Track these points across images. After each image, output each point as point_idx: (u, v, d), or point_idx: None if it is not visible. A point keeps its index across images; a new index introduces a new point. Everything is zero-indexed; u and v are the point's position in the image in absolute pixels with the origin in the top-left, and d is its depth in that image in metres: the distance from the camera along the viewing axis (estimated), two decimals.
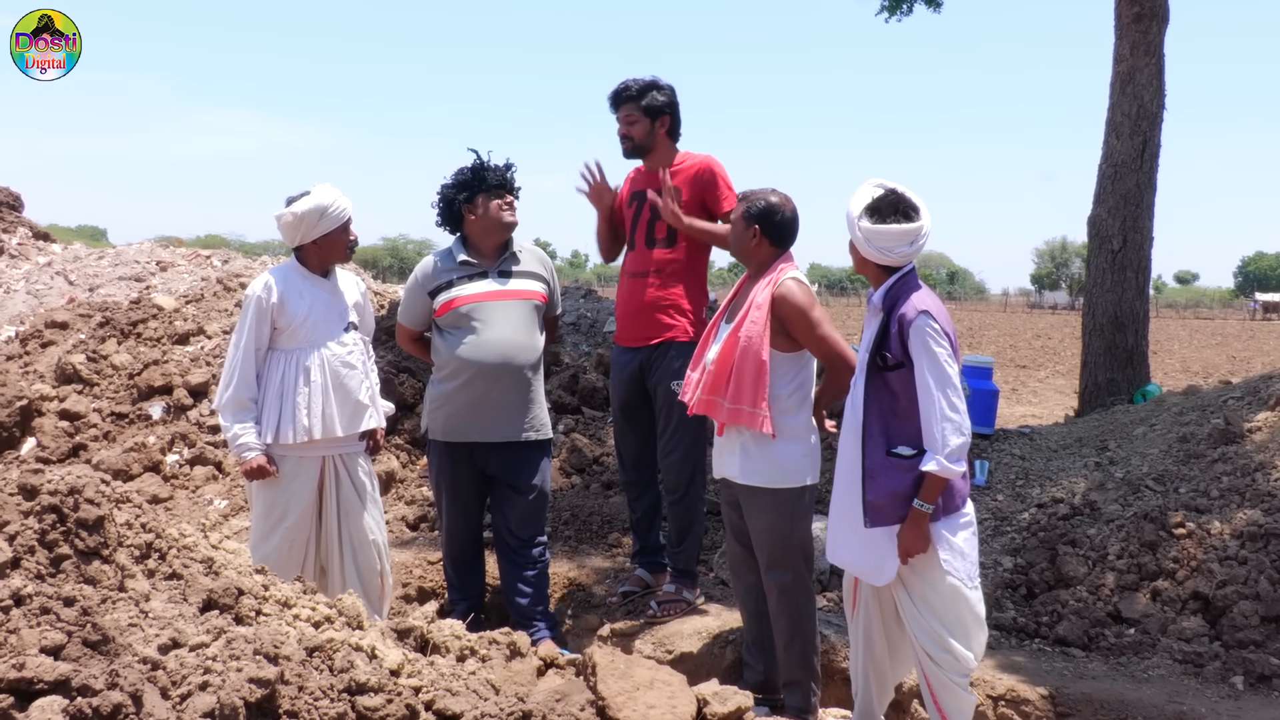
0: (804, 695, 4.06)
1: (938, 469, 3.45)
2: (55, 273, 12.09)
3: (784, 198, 4.07)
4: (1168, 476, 6.02)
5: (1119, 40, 9.66)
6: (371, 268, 55.51)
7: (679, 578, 5.07)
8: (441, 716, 2.77)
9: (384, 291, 10.93)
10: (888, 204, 3.59)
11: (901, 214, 3.57)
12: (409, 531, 6.58)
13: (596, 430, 7.83)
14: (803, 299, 3.91)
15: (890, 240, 3.57)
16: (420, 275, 4.84)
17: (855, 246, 3.69)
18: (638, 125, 4.91)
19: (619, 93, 4.94)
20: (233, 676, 2.40)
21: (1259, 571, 4.93)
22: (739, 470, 4.00)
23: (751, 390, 3.88)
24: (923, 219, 3.57)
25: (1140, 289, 9.71)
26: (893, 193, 3.61)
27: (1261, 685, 4.53)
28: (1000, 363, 21.16)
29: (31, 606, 2.32)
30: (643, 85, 4.91)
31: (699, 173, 4.88)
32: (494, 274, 4.76)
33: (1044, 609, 5.19)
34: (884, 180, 3.66)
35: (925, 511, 3.52)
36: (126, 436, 7.63)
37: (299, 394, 4.36)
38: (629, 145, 4.98)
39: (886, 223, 3.56)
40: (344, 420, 4.45)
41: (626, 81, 4.94)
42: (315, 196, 4.38)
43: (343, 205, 4.44)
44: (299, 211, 4.35)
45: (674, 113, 4.96)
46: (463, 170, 4.78)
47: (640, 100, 4.89)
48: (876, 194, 3.62)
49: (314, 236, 4.43)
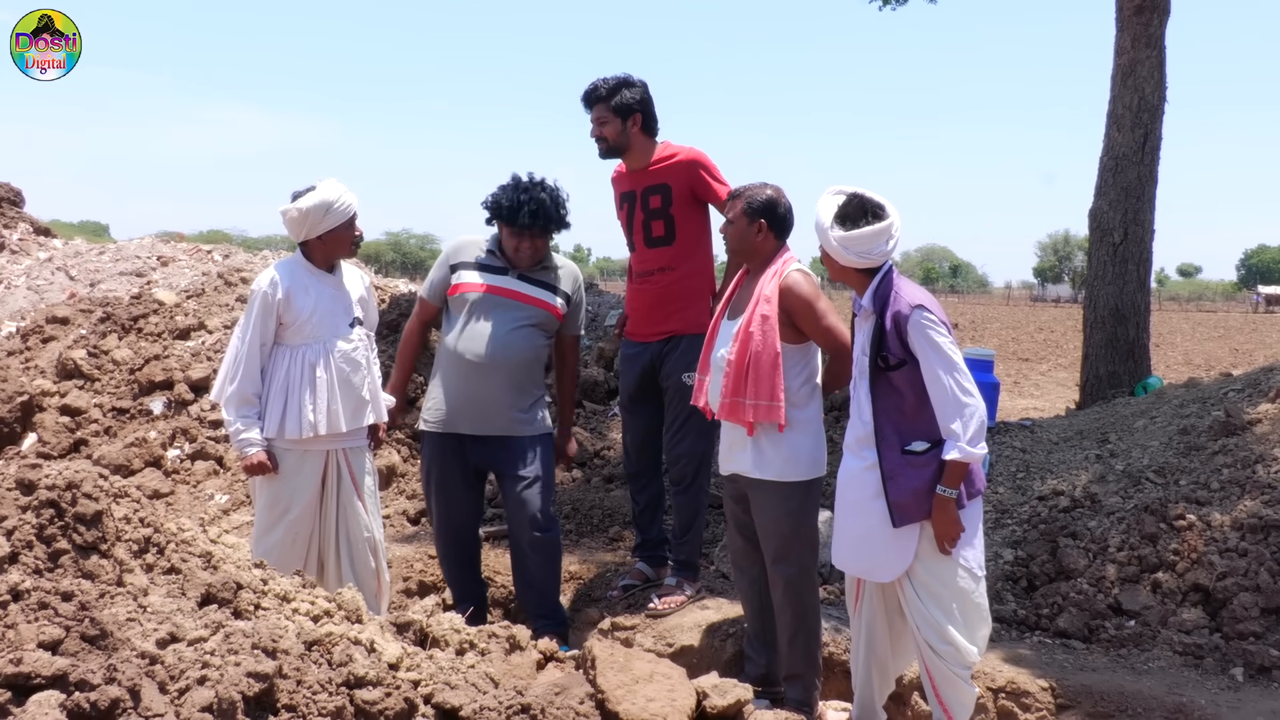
0: (805, 688, 4.06)
1: (960, 455, 3.46)
2: (56, 268, 12.10)
3: (778, 189, 4.08)
4: (1168, 469, 6.01)
5: (1120, 33, 9.64)
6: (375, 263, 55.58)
7: (680, 570, 5.06)
8: (440, 710, 2.78)
9: (386, 286, 10.93)
10: (855, 208, 3.62)
11: (871, 215, 3.60)
12: (410, 526, 6.58)
13: (597, 424, 7.83)
14: (808, 290, 3.93)
15: (868, 242, 3.59)
16: (451, 249, 4.89)
17: (831, 256, 3.72)
18: (609, 125, 4.86)
19: (589, 94, 4.89)
20: (231, 671, 2.40)
21: (1259, 563, 4.92)
22: (752, 464, 3.99)
23: (769, 384, 3.87)
24: (892, 215, 3.61)
25: (1141, 282, 9.70)
26: (856, 196, 3.65)
27: (1261, 677, 4.53)
28: (1002, 356, 21.17)
29: (29, 601, 2.33)
30: (612, 85, 4.85)
31: (687, 164, 4.84)
32: (514, 275, 4.77)
33: (1045, 601, 5.19)
34: (842, 187, 3.71)
35: (951, 497, 3.53)
36: (127, 432, 7.63)
37: (304, 390, 4.36)
38: (604, 146, 4.93)
39: (860, 226, 3.59)
40: (348, 416, 4.45)
41: (595, 82, 4.89)
42: (320, 192, 4.37)
43: (348, 201, 4.43)
44: (304, 207, 4.35)
45: (646, 109, 4.90)
46: (500, 193, 4.70)
47: (610, 100, 4.83)
48: (841, 201, 3.66)
49: (319, 232, 4.42)
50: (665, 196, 4.84)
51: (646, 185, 4.88)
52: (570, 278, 4.93)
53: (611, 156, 4.99)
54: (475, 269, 4.76)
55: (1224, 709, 4.20)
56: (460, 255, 4.82)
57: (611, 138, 4.88)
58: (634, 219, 4.94)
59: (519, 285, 4.76)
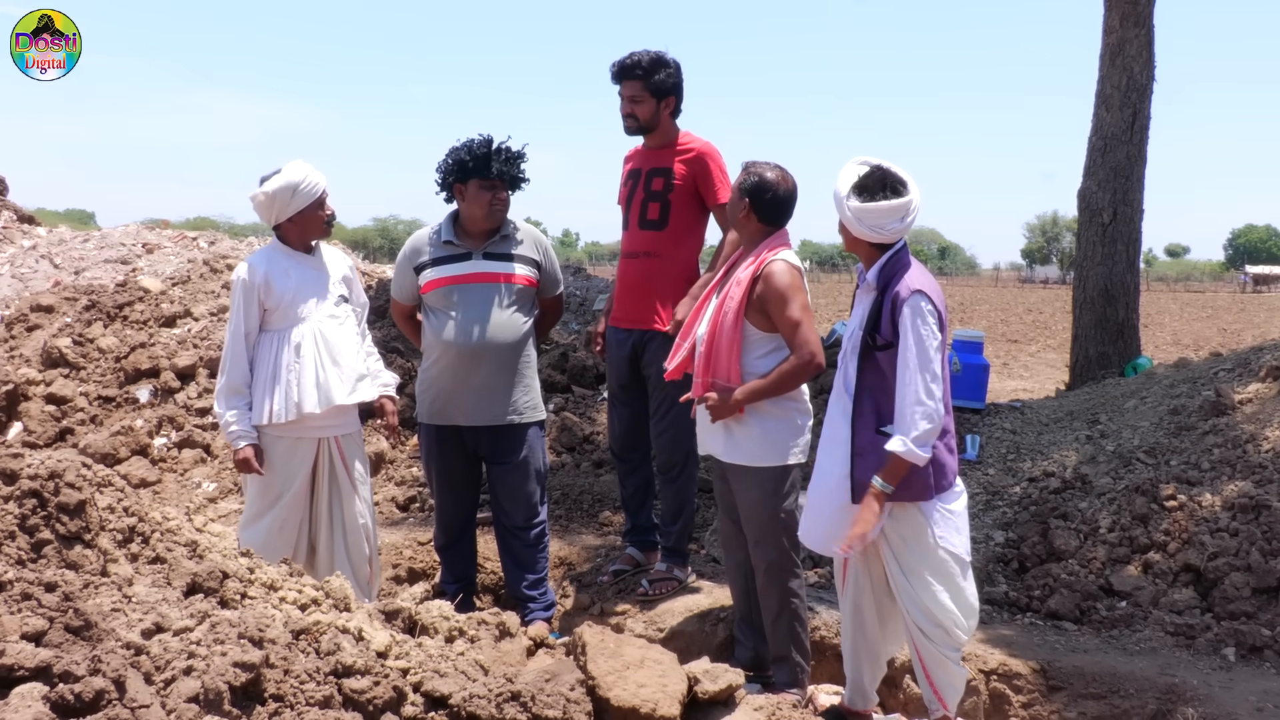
0: (792, 671, 4.05)
1: (903, 450, 3.40)
2: (40, 256, 12.01)
3: (782, 175, 3.97)
4: (1159, 449, 6.02)
5: (1108, 11, 9.61)
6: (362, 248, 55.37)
7: (670, 556, 5.05)
8: (429, 698, 2.75)
9: (372, 272, 10.88)
10: (875, 181, 3.53)
11: (890, 190, 3.51)
12: (399, 512, 6.56)
13: (587, 409, 7.81)
14: (785, 281, 3.84)
15: (881, 217, 3.52)
16: (408, 250, 4.80)
17: (845, 226, 3.63)
18: (643, 105, 4.74)
19: (626, 68, 4.72)
20: (217, 661, 2.38)
21: (1250, 543, 4.93)
22: (723, 449, 4.00)
23: (725, 366, 3.87)
24: (911, 193, 3.52)
25: (1130, 262, 9.69)
26: (879, 169, 3.55)
27: (1253, 656, 4.54)
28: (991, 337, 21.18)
29: (12, 593, 2.30)
30: (651, 61, 4.70)
31: (697, 156, 4.77)
32: (479, 255, 4.68)
33: (1035, 583, 5.19)
34: (868, 158, 3.60)
35: (884, 491, 3.46)
36: (114, 420, 7.59)
37: (290, 370, 4.33)
38: (633, 125, 4.81)
39: (876, 200, 3.50)
40: (341, 390, 4.40)
41: (634, 55, 4.72)
42: (286, 174, 4.34)
43: (315, 180, 4.38)
44: (270, 190, 4.32)
45: (680, 92, 4.81)
46: (468, 147, 4.59)
47: (649, 79, 4.70)
48: (862, 172, 3.56)
49: (289, 214, 4.39)
50: (667, 182, 4.77)
51: (653, 167, 4.82)
52: (533, 242, 4.83)
53: (638, 135, 4.89)
54: (439, 264, 4.66)
55: (1216, 689, 4.20)
56: (420, 255, 4.72)
57: (644, 118, 4.77)
58: (634, 197, 4.88)
59: (487, 266, 4.67)
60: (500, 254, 4.70)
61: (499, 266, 4.68)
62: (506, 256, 4.71)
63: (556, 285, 4.97)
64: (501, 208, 4.64)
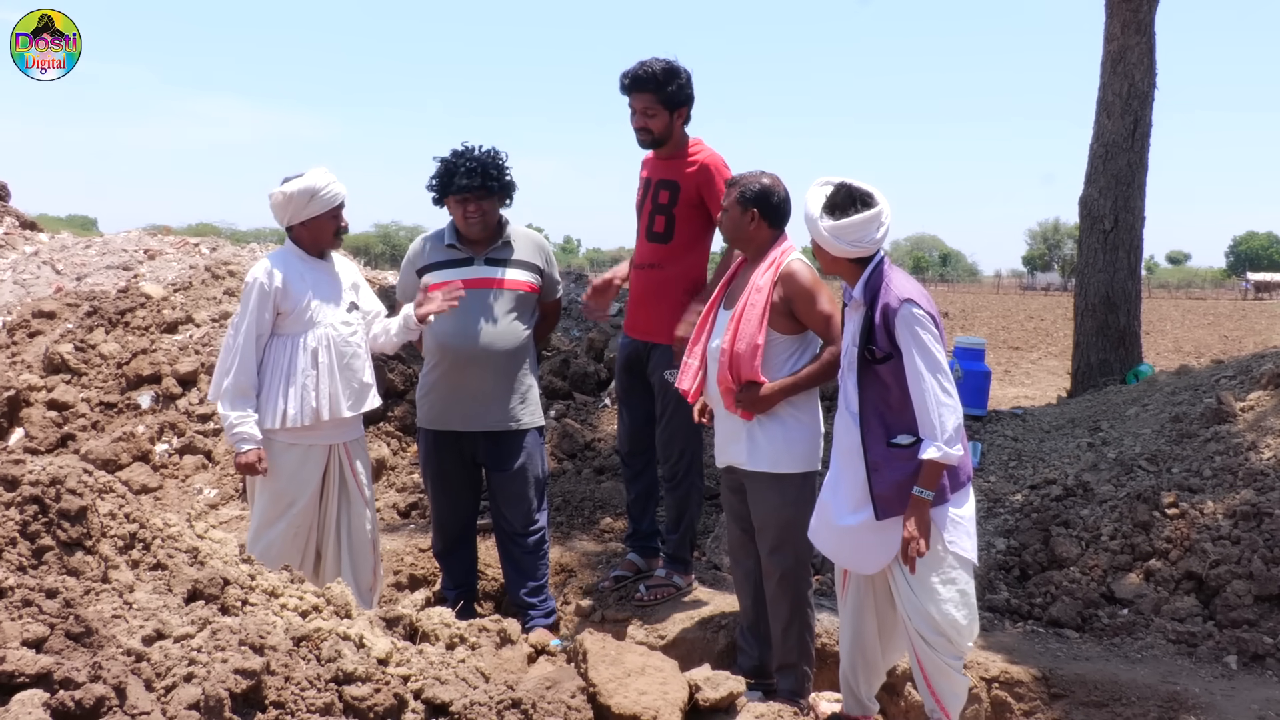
0: (798, 679, 4.06)
1: (939, 455, 3.43)
2: (42, 262, 12.01)
3: (775, 178, 4.05)
4: (1160, 456, 6.01)
5: (1110, 19, 9.63)
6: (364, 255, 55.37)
7: (672, 563, 5.05)
8: (430, 705, 2.75)
9: (375, 278, 10.88)
10: (844, 197, 3.59)
11: (860, 203, 3.57)
12: (400, 519, 6.56)
13: (588, 415, 7.81)
14: (808, 278, 3.92)
15: (859, 230, 3.56)
16: (411, 254, 4.84)
17: (822, 248, 3.69)
18: (657, 118, 4.65)
19: (638, 79, 4.61)
20: (218, 667, 2.38)
21: (1252, 551, 4.92)
22: (747, 456, 4.00)
23: (748, 373, 3.88)
24: (881, 202, 3.58)
25: (1132, 269, 9.70)
26: (844, 185, 3.62)
27: (1255, 664, 4.52)
28: (993, 344, 21.18)
29: (13, 599, 2.30)
30: (664, 71, 4.59)
31: (702, 168, 4.72)
32: (480, 261, 4.70)
33: (1037, 590, 5.19)
34: (829, 177, 3.68)
35: (926, 499, 3.50)
36: (115, 426, 7.59)
37: (306, 376, 4.32)
38: (648, 139, 4.73)
39: (849, 215, 3.56)
40: (350, 401, 4.42)
41: (646, 66, 4.59)
42: (308, 178, 4.35)
43: (335, 190, 4.39)
44: (290, 190, 4.32)
45: (691, 103, 4.74)
46: (443, 161, 4.62)
47: (662, 91, 4.60)
48: (829, 191, 3.64)
49: (302, 218, 4.39)
50: (673, 195, 4.75)
51: (661, 178, 4.79)
52: (534, 247, 4.84)
53: (652, 148, 4.82)
54: (441, 267, 4.68)
55: (1218, 697, 4.20)
56: (423, 258, 4.75)
57: (658, 131, 4.68)
58: (644, 208, 4.88)
59: (488, 271, 4.68)
60: (502, 259, 4.72)
61: (501, 272, 4.69)
62: (508, 262, 4.72)
63: (556, 290, 4.99)
64: (479, 218, 4.63)
